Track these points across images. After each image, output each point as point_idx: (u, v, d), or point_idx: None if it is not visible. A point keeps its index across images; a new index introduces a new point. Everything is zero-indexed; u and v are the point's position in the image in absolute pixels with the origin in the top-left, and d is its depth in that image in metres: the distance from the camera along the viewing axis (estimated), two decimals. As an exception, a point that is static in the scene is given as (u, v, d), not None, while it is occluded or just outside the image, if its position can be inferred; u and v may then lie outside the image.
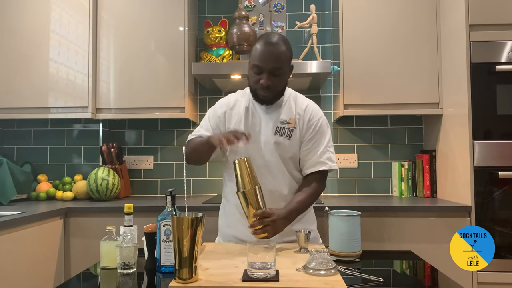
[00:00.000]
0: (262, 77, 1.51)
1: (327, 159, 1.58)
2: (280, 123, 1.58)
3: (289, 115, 1.60)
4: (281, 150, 1.57)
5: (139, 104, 2.52)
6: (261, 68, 1.51)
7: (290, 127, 1.58)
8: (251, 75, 1.56)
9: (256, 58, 1.52)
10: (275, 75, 1.52)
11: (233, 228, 1.64)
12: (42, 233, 2.02)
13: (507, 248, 2.06)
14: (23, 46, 2.50)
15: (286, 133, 1.58)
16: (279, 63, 1.51)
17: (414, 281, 1.28)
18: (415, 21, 2.44)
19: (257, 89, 1.54)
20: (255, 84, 1.54)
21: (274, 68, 1.51)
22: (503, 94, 2.11)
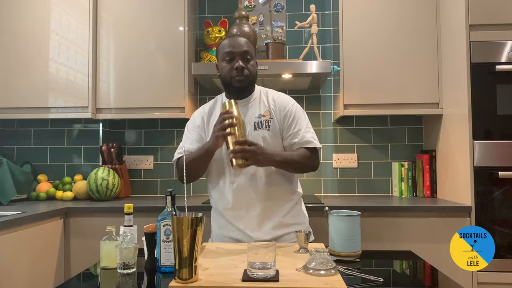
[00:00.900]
0: (234, 62, 1.59)
1: (312, 138, 1.63)
2: (256, 118, 1.63)
3: (264, 108, 1.65)
4: (263, 141, 1.60)
5: (139, 104, 2.52)
6: (232, 53, 1.59)
7: (267, 119, 1.63)
8: (223, 67, 1.62)
9: (225, 47, 1.61)
10: (246, 59, 1.60)
11: (224, 229, 1.66)
12: (42, 233, 2.02)
13: (507, 248, 2.06)
14: (23, 46, 2.50)
15: (264, 125, 1.62)
16: (248, 47, 1.62)
17: (414, 281, 1.28)
18: (415, 21, 2.44)
19: (232, 77, 1.59)
20: (230, 71, 1.60)
21: (244, 52, 1.60)
22: (503, 94, 2.11)
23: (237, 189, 1.60)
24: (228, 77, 1.60)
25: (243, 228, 1.61)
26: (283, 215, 1.63)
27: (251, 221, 1.61)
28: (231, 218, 1.63)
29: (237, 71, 1.58)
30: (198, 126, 1.70)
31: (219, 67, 1.66)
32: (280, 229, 1.61)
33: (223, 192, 1.64)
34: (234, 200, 1.61)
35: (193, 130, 1.70)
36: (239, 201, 1.61)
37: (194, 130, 1.70)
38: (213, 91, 2.84)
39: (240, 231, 1.62)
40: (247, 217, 1.61)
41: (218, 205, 1.69)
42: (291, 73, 2.34)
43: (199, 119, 1.71)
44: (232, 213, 1.63)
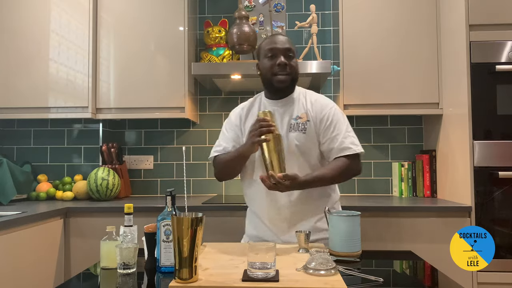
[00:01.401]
0: (277, 59, 1.56)
1: (351, 144, 1.56)
2: (293, 119, 1.60)
3: (301, 110, 1.61)
4: (298, 144, 1.57)
5: (139, 104, 2.52)
6: (275, 50, 1.57)
7: (303, 121, 1.59)
8: (264, 63, 1.59)
9: (267, 44, 1.60)
10: (288, 56, 1.57)
11: (257, 230, 1.66)
12: (42, 233, 2.02)
13: (507, 248, 2.06)
14: (23, 46, 2.50)
15: (300, 127, 1.58)
16: (290, 45, 1.59)
17: (414, 281, 1.28)
18: (415, 21, 2.44)
19: (274, 73, 1.57)
20: (272, 68, 1.57)
21: (287, 49, 1.57)
22: (503, 94, 2.11)
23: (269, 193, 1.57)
24: (269, 73, 1.58)
25: (276, 231, 1.60)
26: (316, 220, 1.61)
27: (282, 224, 1.59)
28: (265, 219, 1.63)
29: (279, 67, 1.55)
30: (236, 125, 1.68)
31: (260, 65, 1.63)
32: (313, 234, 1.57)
33: (256, 194, 1.63)
34: (266, 202, 1.60)
35: (230, 129, 1.69)
36: (271, 204, 1.59)
37: (231, 129, 1.69)
38: (213, 91, 2.84)
39: (272, 233, 1.61)
40: (278, 220, 1.60)
41: (251, 205, 1.69)
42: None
43: (237, 118, 1.70)
44: (265, 215, 1.62)
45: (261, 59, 1.62)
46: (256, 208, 1.67)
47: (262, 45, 1.63)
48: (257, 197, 1.64)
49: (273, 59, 1.57)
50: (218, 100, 2.85)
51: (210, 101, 2.85)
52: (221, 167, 1.66)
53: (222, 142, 1.68)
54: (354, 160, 1.57)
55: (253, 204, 1.68)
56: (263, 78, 1.63)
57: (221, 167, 1.66)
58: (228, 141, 1.67)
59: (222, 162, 1.64)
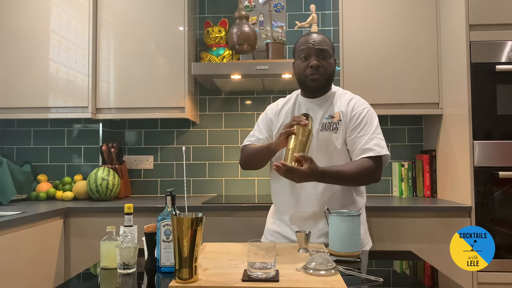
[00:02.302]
0: (310, 61, 1.56)
1: (375, 145, 1.53)
2: (325, 119, 1.60)
3: (334, 110, 1.61)
4: (328, 143, 1.58)
5: (139, 104, 2.52)
6: (308, 51, 1.56)
7: (335, 120, 1.59)
8: (298, 65, 1.60)
9: (301, 45, 1.60)
10: (323, 57, 1.57)
11: (276, 224, 1.69)
12: (42, 233, 2.02)
13: (507, 248, 2.06)
14: (23, 46, 2.50)
15: (332, 127, 1.58)
16: (325, 46, 1.57)
17: (414, 281, 1.28)
18: (415, 21, 2.44)
19: (307, 75, 1.57)
20: (305, 69, 1.58)
21: (320, 50, 1.56)
22: (503, 94, 2.11)
23: (293, 189, 1.59)
24: (302, 75, 1.59)
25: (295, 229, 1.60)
26: None
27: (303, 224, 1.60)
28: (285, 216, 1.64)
29: (312, 70, 1.55)
30: (270, 118, 1.72)
31: (295, 65, 1.64)
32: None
33: (280, 190, 1.65)
34: (290, 199, 1.61)
35: (264, 121, 1.74)
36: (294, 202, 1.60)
37: (265, 121, 1.73)
38: (213, 91, 2.84)
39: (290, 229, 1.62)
40: (300, 219, 1.61)
41: (276, 200, 1.71)
42: (291, 73, 2.34)
43: (271, 112, 1.73)
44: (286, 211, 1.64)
45: (296, 59, 1.64)
46: (278, 204, 1.69)
47: (297, 45, 1.64)
48: (281, 194, 1.66)
49: (306, 60, 1.57)
50: (218, 100, 2.85)
51: (210, 101, 2.85)
52: (247, 155, 1.69)
53: (255, 133, 1.73)
54: (376, 164, 1.52)
55: (276, 199, 1.71)
56: (297, 78, 1.64)
57: (247, 155, 1.69)
58: (261, 132, 1.71)
59: (250, 150, 1.68)
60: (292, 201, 1.61)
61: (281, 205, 1.67)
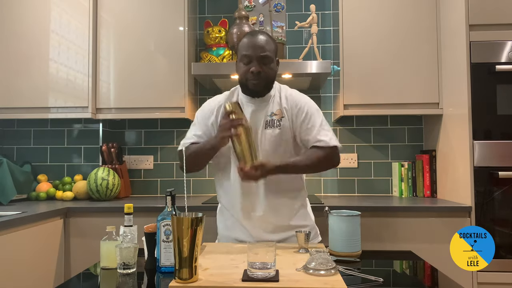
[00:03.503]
0: (252, 65, 1.55)
1: (325, 136, 1.58)
2: (268, 116, 1.62)
3: (276, 107, 1.63)
4: (273, 140, 1.60)
5: (139, 104, 2.52)
6: (250, 56, 1.55)
7: (278, 117, 1.61)
8: (240, 67, 1.60)
9: (243, 48, 1.57)
10: (264, 63, 1.56)
11: (231, 231, 1.66)
12: (42, 233, 2.02)
13: (507, 248, 2.06)
14: (23, 46, 2.50)
15: (276, 123, 1.61)
16: (267, 51, 1.56)
17: (414, 281, 1.28)
18: (415, 21, 2.44)
19: (248, 79, 1.57)
20: (245, 74, 1.57)
21: (262, 56, 1.55)
22: (503, 94, 2.11)
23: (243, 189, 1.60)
24: (244, 79, 1.59)
25: (249, 229, 1.61)
26: (289, 217, 1.63)
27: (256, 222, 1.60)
28: (237, 217, 1.63)
29: (252, 75, 1.55)
30: (208, 117, 1.67)
31: (237, 66, 1.63)
32: (286, 231, 1.61)
33: (229, 191, 1.64)
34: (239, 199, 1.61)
35: (203, 120, 1.68)
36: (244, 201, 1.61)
37: (204, 121, 1.68)
38: (213, 91, 2.83)
39: (246, 231, 1.62)
40: (252, 217, 1.61)
41: (224, 203, 1.69)
42: (291, 73, 2.34)
43: (209, 111, 1.68)
44: (238, 212, 1.63)
45: (238, 61, 1.62)
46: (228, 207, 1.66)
47: (239, 46, 1.61)
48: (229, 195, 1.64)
49: (247, 64, 1.56)
50: (218, 100, 2.84)
51: (210, 101, 2.85)
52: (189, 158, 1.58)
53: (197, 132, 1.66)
54: (331, 151, 1.58)
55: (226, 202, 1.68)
56: (239, 79, 1.63)
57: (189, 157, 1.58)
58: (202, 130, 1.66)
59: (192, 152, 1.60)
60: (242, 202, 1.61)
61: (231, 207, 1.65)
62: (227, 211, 1.68)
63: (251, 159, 1.44)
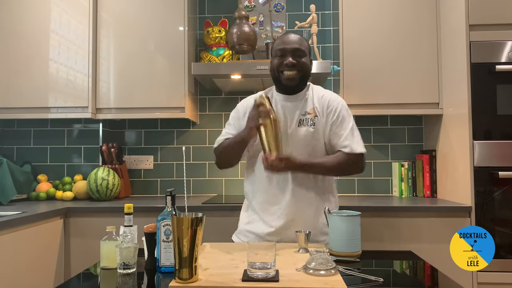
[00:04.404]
0: (285, 59, 1.58)
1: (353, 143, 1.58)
2: (302, 115, 1.62)
3: (309, 106, 1.64)
4: (306, 139, 1.60)
5: (139, 104, 2.52)
6: (284, 50, 1.59)
7: (312, 116, 1.62)
8: (274, 62, 1.62)
9: (277, 44, 1.62)
10: (298, 55, 1.59)
11: (252, 225, 1.68)
12: (42, 233, 2.02)
13: (507, 248, 2.06)
14: (23, 46, 2.50)
15: (309, 122, 1.61)
16: (300, 45, 1.60)
17: (414, 281, 1.28)
18: (415, 21, 2.44)
19: (282, 72, 1.59)
20: (280, 66, 1.60)
21: (296, 49, 1.59)
22: (503, 94, 2.11)
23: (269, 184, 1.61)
24: (277, 71, 1.61)
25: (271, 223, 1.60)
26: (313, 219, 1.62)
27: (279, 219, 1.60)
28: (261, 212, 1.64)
29: (287, 66, 1.58)
30: (241, 117, 1.68)
31: (271, 62, 1.65)
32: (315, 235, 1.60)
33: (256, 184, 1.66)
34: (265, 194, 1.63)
35: (237, 120, 1.70)
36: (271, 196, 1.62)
37: (238, 120, 1.70)
38: (213, 91, 2.84)
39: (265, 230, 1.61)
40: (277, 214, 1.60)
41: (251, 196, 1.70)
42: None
43: (242, 111, 1.70)
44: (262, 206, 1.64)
45: (272, 58, 1.66)
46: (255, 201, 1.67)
47: (274, 45, 1.66)
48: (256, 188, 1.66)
49: (281, 58, 1.60)
50: (218, 100, 2.85)
51: (210, 101, 2.85)
52: (221, 152, 1.68)
53: (230, 131, 1.70)
54: (356, 158, 1.58)
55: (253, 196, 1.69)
56: (272, 75, 1.66)
57: (221, 152, 1.68)
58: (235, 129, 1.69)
59: (223, 147, 1.67)
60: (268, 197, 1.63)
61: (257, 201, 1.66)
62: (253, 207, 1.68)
63: (276, 150, 1.45)
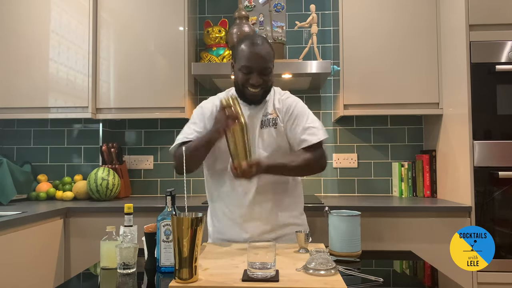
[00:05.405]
0: (251, 77, 1.55)
1: (309, 135, 1.57)
2: (264, 116, 1.63)
3: (270, 108, 1.64)
4: (269, 139, 1.61)
5: (139, 104, 2.52)
6: (250, 68, 1.54)
7: (273, 117, 1.62)
8: (239, 75, 1.58)
9: (244, 59, 1.55)
10: (264, 74, 1.56)
11: (223, 234, 1.65)
12: (42, 233, 2.02)
13: (507, 248, 2.06)
14: (23, 46, 2.50)
15: (271, 122, 1.62)
16: (268, 63, 1.56)
17: (414, 281, 1.28)
18: (415, 21, 2.44)
19: (247, 89, 1.57)
20: (245, 83, 1.57)
21: (263, 68, 1.55)
22: (503, 94, 2.11)
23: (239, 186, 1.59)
24: (241, 86, 1.58)
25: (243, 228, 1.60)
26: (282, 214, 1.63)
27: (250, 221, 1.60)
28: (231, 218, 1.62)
29: (252, 86, 1.55)
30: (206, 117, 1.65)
31: (235, 72, 1.61)
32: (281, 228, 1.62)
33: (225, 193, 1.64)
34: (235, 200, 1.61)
35: (202, 119, 1.66)
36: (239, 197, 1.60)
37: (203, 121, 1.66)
38: (213, 91, 2.83)
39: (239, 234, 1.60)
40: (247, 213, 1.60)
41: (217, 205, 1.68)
42: (291, 73, 2.33)
43: (208, 110, 1.66)
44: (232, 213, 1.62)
45: (236, 66, 1.60)
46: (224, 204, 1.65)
47: (239, 52, 1.57)
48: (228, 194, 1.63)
49: (247, 75, 1.55)
50: (218, 100, 2.85)
51: (210, 101, 2.85)
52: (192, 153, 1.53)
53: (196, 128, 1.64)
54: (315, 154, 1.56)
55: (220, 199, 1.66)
56: (235, 85, 1.62)
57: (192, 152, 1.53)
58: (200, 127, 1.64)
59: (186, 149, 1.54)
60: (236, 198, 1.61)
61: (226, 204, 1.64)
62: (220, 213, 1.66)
63: (245, 157, 1.44)
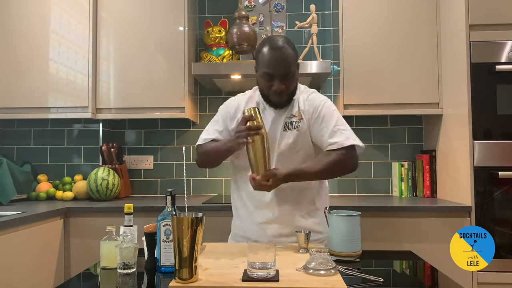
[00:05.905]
0: (274, 83, 1.52)
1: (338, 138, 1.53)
2: (287, 118, 1.59)
3: (295, 109, 1.61)
4: (291, 142, 1.58)
5: (139, 104, 2.52)
6: (272, 75, 1.51)
7: (297, 119, 1.59)
8: (261, 81, 1.56)
9: (265, 65, 1.51)
10: (287, 79, 1.52)
11: (243, 230, 1.67)
12: (42, 233, 2.02)
13: (507, 248, 2.06)
14: (23, 46, 2.50)
15: (294, 125, 1.58)
16: (290, 67, 1.52)
17: (414, 281, 1.28)
18: (415, 21, 2.44)
19: (270, 95, 1.55)
20: (268, 89, 1.55)
21: (285, 73, 1.51)
22: (503, 94, 2.11)
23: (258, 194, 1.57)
24: (265, 92, 1.57)
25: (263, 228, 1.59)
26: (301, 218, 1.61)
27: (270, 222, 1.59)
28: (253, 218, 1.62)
29: (275, 92, 1.52)
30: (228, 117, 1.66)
31: (257, 76, 1.58)
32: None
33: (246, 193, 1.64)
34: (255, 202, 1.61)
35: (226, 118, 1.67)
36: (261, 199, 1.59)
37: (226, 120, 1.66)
38: (213, 91, 2.84)
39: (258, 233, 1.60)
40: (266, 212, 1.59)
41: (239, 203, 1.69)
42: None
43: (232, 110, 1.66)
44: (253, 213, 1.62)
45: (258, 71, 1.57)
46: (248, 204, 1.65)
47: (260, 57, 1.54)
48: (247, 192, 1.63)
49: (269, 82, 1.53)
50: (218, 100, 2.84)
51: (210, 101, 2.85)
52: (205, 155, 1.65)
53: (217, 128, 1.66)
54: (346, 154, 1.52)
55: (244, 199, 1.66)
56: (260, 90, 1.61)
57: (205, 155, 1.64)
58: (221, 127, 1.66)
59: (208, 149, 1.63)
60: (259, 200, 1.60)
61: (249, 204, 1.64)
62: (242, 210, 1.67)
63: (264, 169, 1.45)
